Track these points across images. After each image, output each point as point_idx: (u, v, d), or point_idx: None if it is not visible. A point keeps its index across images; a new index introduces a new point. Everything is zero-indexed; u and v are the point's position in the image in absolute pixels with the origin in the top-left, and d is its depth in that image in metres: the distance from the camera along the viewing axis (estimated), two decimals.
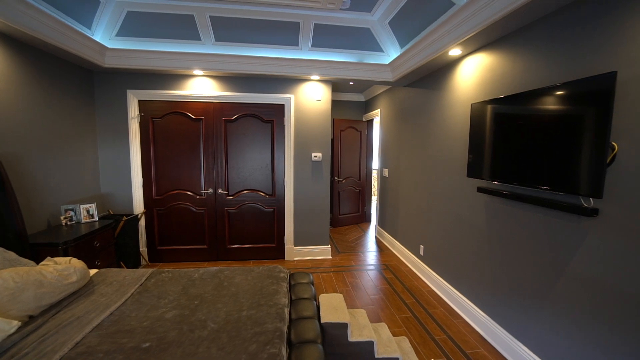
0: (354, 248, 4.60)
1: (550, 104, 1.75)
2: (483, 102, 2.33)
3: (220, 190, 3.88)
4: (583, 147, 1.56)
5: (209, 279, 2.15)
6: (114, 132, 3.60)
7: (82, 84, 3.32)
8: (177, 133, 3.75)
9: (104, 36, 3.11)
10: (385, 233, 4.84)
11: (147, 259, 3.86)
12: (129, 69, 3.37)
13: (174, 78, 3.66)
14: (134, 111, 3.62)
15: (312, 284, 2.26)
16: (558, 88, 1.70)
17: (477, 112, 2.41)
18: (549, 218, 1.89)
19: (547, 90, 1.76)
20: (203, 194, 3.87)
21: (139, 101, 3.64)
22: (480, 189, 2.42)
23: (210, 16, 3.05)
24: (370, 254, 4.36)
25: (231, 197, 3.92)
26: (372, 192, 6.68)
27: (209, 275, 2.22)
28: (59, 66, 2.97)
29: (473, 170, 2.47)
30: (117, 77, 3.56)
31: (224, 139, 3.83)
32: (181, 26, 3.14)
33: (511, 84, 2.20)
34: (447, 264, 3.06)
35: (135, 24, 3.09)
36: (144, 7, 2.93)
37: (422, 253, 3.58)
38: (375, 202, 5.54)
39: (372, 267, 3.88)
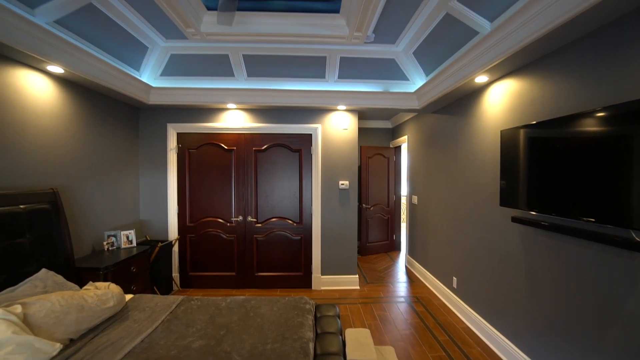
0: (382, 278, 4.43)
1: (590, 130, 1.65)
2: (514, 128, 2.25)
3: (249, 218, 3.98)
4: (631, 176, 1.44)
5: (235, 309, 2.17)
6: (154, 162, 3.89)
7: (129, 120, 3.67)
8: (211, 163, 3.96)
9: (150, 76, 3.45)
10: (416, 263, 4.63)
11: (178, 285, 3.97)
12: (170, 104, 3.68)
13: (210, 112, 3.93)
14: (172, 143, 3.90)
15: (339, 317, 2.20)
16: (599, 112, 1.59)
17: (508, 138, 2.33)
18: (596, 252, 1.73)
19: (586, 115, 1.67)
20: (233, 222, 3.98)
21: (178, 134, 3.93)
22: (515, 219, 2.28)
23: (243, 55, 3.30)
24: (400, 285, 4.18)
25: (260, 225, 4.00)
26: (402, 219, 6.50)
27: (235, 304, 2.24)
28: (111, 105, 3.31)
29: (507, 199, 2.34)
30: (159, 112, 3.89)
31: (254, 168, 3.98)
32: (217, 65, 3.42)
33: (542, 109, 2.12)
34: (483, 299, 2.85)
35: (177, 65, 3.41)
36: (185, 50, 3.24)
37: (455, 286, 3.37)
38: (405, 229, 5.37)
39: (402, 300, 3.70)
